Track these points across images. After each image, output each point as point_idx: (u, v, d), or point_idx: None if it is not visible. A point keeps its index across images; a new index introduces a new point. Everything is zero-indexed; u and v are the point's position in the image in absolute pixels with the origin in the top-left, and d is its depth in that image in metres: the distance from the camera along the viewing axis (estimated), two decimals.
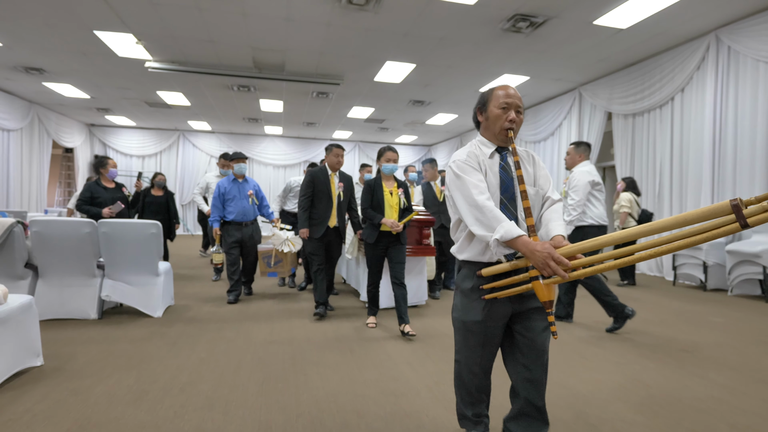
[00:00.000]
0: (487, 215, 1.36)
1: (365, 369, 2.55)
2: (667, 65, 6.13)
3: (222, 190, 4.27)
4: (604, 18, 5.20)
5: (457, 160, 1.49)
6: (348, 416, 1.95)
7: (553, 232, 1.41)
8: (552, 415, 1.89)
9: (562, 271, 1.24)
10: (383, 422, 1.90)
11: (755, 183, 5.05)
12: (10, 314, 2.19)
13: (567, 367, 2.62)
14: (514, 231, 1.31)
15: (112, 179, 4.32)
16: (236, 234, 4.29)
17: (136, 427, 1.81)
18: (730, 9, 4.99)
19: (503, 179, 1.47)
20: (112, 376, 2.36)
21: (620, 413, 2.00)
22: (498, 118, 1.49)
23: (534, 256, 1.27)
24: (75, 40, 6.20)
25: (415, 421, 1.92)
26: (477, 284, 1.47)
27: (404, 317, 3.25)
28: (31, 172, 10.19)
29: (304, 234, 3.80)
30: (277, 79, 7.53)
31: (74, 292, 3.42)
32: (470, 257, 1.50)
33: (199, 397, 2.12)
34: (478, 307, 1.47)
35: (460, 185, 1.44)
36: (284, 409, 2.02)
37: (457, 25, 5.49)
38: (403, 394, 2.19)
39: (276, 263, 4.47)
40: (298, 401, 2.11)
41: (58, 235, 3.28)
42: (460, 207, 1.44)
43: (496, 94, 1.52)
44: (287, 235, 4.35)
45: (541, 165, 1.57)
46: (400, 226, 3.31)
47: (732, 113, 5.36)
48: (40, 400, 2.04)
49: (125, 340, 2.98)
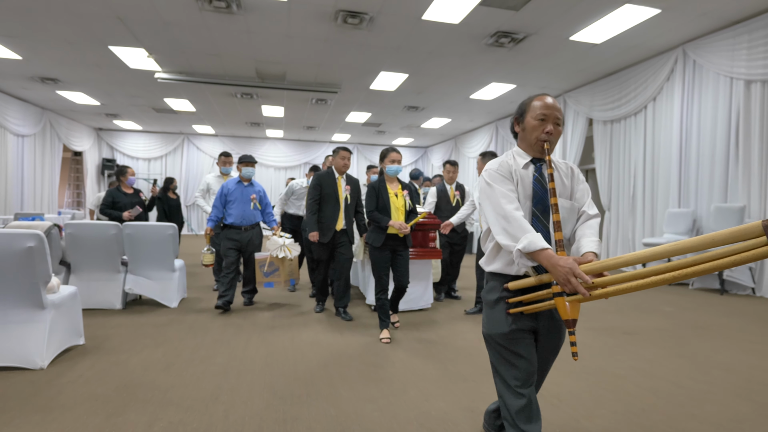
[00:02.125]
0: (514, 225, 1.33)
1: (368, 384, 3.03)
2: (640, 76, 6.60)
3: (225, 191, 4.21)
4: (580, 34, 5.66)
5: (489, 170, 1.47)
6: (335, 380, 2.44)
7: (584, 249, 1.36)
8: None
9: (582, 288, 1.20)
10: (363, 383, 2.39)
11: (714, 189, 5.52)
12: (62, 301, 2.69)
13: None
14: (538, 243, 1.27)
15: (130, 186, 4.82)
16: (235, 237, 4.16)
17: (168, 387, 2.30)
18: (694, 26, 5.44)
19: (536, 190, 1.44)
20: (142, 351, 2.85)
21: (552, 377, 2.48)
22: (534, 129, 1.46)
23: (555, 271, 1.24)
24: (90, 54, 6.68)
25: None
26: (502, 297, 1.45)
27: (394, 307, 3.52)
28: (43, 176, 10.69)
29: (313, 237, 3.80)
30: (279, 88, 8.01)
31: (101, 286, 3.91)
32: (497, 269, 1.47)
33: (216, 366, 2.62)
34: (503, 319, 1.44)
35: (490, 194, 1.42)
36: (284, 374, 2.52)
37: (444, 41, 5.96)
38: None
39: (272, 272, 4.23)
40: (295, 369, 2.59)
41: (89, 236, 3.77)
42: (489, 216, 1.42)
43: (534, 104, 1.48)
44: (284, 241, 4.18)
45: (580, 178, 1.53)
46: (408, 228, 3.26)
47: (696, 122, 5.82)
48: (88, 368, 2.53)
49: (149, 326, 3.48)
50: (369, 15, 5.21)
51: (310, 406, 2.12)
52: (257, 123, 11.89)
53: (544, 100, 1.47)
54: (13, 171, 9.52)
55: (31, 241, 2.38)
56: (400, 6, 4.97)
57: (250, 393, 2.26)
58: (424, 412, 2.07)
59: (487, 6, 4.93)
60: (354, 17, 5.25)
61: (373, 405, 2.14)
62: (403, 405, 2.14)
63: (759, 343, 3.19)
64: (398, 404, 2.16)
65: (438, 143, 14.45)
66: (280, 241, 4.17)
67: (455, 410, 2.10)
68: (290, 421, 1.97)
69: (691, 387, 2.39)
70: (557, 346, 1.53)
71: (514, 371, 1.44)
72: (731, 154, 5.37)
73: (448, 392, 2.31)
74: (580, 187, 1.51)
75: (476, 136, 11.83)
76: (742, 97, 5.23)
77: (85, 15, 5.33)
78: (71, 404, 2.08)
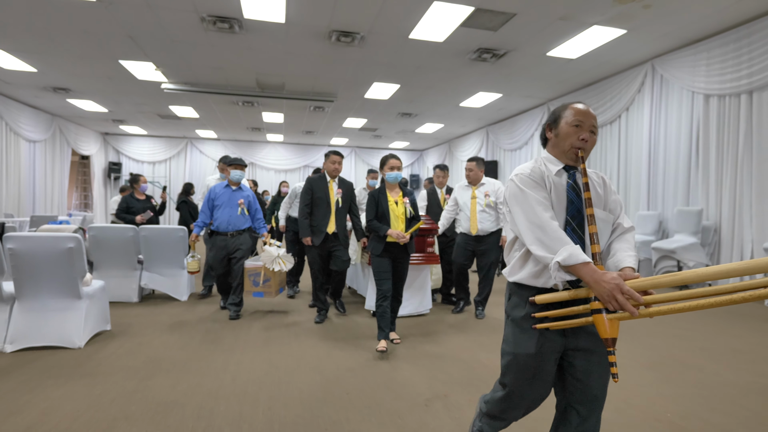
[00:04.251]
0: (551, 235, 1.25)
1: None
2: (615, 87, 7.09)
3: (212, 195, 4.03)
4: (556, 50, 6.15)
5: (521, 174, 1.38)
6: (329, 351, 2.93)
7: (623, 264, 1.29)
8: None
9: (631, 307, 1.12)
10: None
11: (678, 194, 6.02)
12: (94, 293, 3.19)
13: (489, 337, 3.58)
14: (580, 256, 1.19)
15: (143, 192, 5.32)
16: (221, 244, 3.98)
17: (185, 360, 2.81)
18: (659, 44, 5.93)
19: (571, 199, 1.35)
20: (161, 335, 3.36)
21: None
22: (569, 135, 1.38)
23: (600, 287, 1.15)
24: (101, 67, 7.18)
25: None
26: (530, 312, 1.34)
27: (392, 326, 3.39)
28: (53, 179, 11.19)
29: (307, 242, 3.85)
30: (278, 97, 8.52)
31: (120, 282, 4.41)
32: (522, 279, 1.38)
33: (224, 345, 3.13)
34: (531, 339, 1.33)
35: (523, 200, 1.33)
36: (281, 351, 3.01)
37: (431, 57, 6.46)
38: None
39: (264, 282, 4.04)
40: (290, 347, 3.09)
41: (110, 237, 4.27)
42: (520, 224, 1.33)
43: (569, 111, 1.41)
44: (279, 252, 3.99)
45: (612, 189, 1.46)
46: (407, 237, 3.20)
47: (663, 132, 6.32)
48: (118, 347, 3.04)
49: (163, 315, 3.99)
50: (360, 34, 5.70)
51: (300, 376, 2.60)
52: (258, 128, 12.39)
53: (579, 107, 1.40)
54: (26, 175, 10.02)
55: (71, 242, 2.88)
56: (388, 26, 5.46)
57: (252, 364, 2.76)
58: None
59: (468, 27, 5.42)
60: (346, 36, 5.74)
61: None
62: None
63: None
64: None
65: (433, 147, 14.95)
66: (274, 252, 3.98)
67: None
68: (284, 384, 2.45)
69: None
70: (604, 362, 1.34)
71: (528, 394, 1.39)
72: (692, 161, 5.86)
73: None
74: (613, 198, 1.44)
75: (468, 140, 12.33)
76: (701, 109, 5.72)
77: (99, 34, 5.82)
78: (109, 372, 2.58)
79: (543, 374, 1.35)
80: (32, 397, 2.26)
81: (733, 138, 5.34)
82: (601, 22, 5.23)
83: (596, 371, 1.33)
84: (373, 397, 2.35)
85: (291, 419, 2.08)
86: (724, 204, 5.43)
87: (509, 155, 10.40)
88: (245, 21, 5.32)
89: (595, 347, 1.34)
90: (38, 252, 2.82)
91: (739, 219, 5.25)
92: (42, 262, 2.85)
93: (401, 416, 2.14)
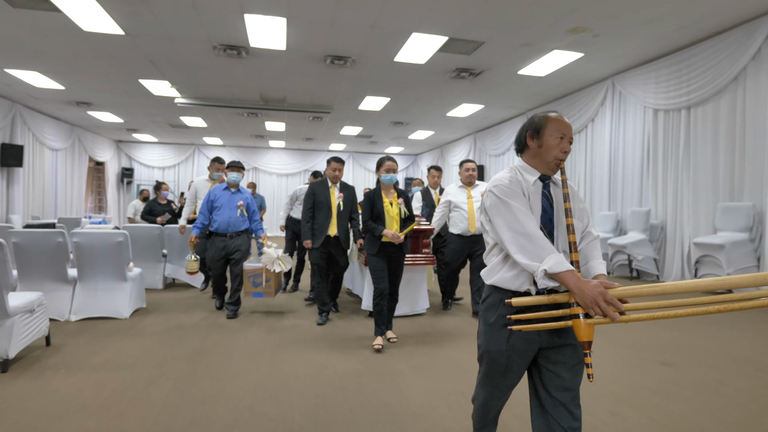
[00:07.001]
0: (536, 244, 1.30)
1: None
2: (582, 101, 7.90)
3: (212, 197, 4.13)
4: (526, 69, 6.96)
5: (500, 185, 1.42)
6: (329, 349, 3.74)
7: (596, 270, 1.39)
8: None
9: (612, 313, 1.19)
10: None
11: (633, 196, 6.82)
12: (135, 277, 4.03)
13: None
14: (565, 264, 1.25)
15: (165, 198, 6.18)
16: (220, 245, 4.09)
17: (208, 330, 3.63)
18: (614, 65, 6.74)
19: (545, 208, 1.42)
20: (186, 313, 4.20)
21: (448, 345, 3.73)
22: (553, 148, 1.42)
23: (583, 294, 1.21)
24: (122, 84, 8.04)
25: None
26: (503, 313, 1.40)
27: (389, 324, 3.48)
28: (72, 184, 12.07)
29: (307, 244, 3.97)
30: (280, 109, 9.37)
31: (148, 272, 5.22)
32: (499, 282, 1.43)
33: (234, 326, 3.91)
34: (502, 335, 1.40)
35: (505, 211, 1.37)
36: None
37: (416, 75, 7.29)
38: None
39: (264, 282, 4.16)
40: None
41: (139, 235, 5.10)
42: (503, 233, 1.36)
43: (553, 123, 1.44)
44: (278, 254, 4.12)
45: (580, 198, 1.52)
46: (401, 237, 3.28)
47: (621, 141, 7.12)
48: (155, 318, 3.90)
49: (185, 299, 4.82)
50: (352, 58, 6.53)
51: (300, 359, 3.42)
52: (261, 135, 13.26)
53: (562, 120, 1.45)
54: (49, 180, 10.91)
55: (120, 237, 3.71)
56: (376, 52, 6.29)
57: (256, 346, 3.58)
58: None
59: (445, 52, 6.25)
60: (340, 60, 6.58)
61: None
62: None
63: None
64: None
65: (426, 151, 15.79)
66: (274, 254, 4.08)
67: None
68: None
69: None
70: (579, 356, 1.41)
71: (499, 387, 1.49)
72: (644, 168, 6.67)
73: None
74: (581, 206, 1.50)
75: (458, 145, 13.16)
76: (651, 122, 6.52)
77: (124, 58, 6.68)
78: (152, 333, 3.44)
79: (514, 366, 1.43)
80: (102, 346, 3.12)
81: (675, 148, 6.14)
82: (560, 47, 6.04)
83: (570, 362, 1.39)
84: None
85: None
86: (668, 205, 6.23)
87: (494, 160, 11.22)
88: (251, 48, 6.17)
89: (569, 345, 1.40)
90: (96, 244, 3.65)
91: (679, 218, 6.04)
92: (98, 253, 3.68)
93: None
